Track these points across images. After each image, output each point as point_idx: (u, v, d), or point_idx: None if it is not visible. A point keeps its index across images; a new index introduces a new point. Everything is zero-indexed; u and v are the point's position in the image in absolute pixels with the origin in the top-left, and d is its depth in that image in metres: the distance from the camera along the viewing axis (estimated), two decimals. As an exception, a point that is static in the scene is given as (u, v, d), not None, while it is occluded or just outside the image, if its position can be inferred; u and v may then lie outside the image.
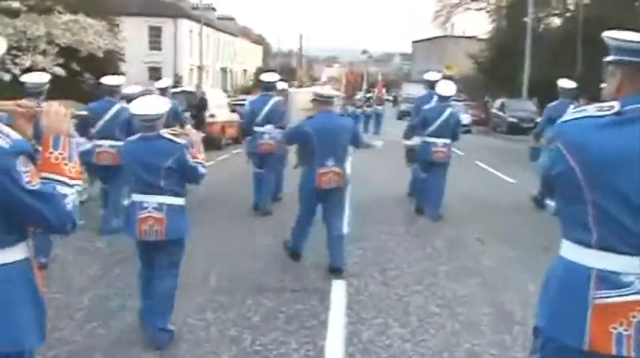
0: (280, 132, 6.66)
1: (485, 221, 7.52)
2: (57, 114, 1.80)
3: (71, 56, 18.61)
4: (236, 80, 48.13)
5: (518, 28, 28.80)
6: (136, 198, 3.61)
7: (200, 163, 3.65)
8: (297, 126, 5.35)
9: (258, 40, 60.32)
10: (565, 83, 7.94)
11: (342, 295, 4.57)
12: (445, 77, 9.97)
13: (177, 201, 3.60)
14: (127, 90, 7.29)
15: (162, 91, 8.61)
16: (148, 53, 36.33)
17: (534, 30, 27.36)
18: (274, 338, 3.75)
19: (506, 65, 28.47)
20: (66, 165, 1.77)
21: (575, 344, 1.70)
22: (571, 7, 30.73)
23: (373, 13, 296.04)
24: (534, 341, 1.88)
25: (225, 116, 16.21)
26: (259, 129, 7.49)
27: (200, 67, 33.20)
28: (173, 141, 3.59)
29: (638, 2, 27.06)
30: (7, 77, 16.41)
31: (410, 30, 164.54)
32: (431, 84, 8.13)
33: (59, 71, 17.19)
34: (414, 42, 67.12)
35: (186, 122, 8.51)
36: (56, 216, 1.70)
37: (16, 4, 17.84)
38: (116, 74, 9.50)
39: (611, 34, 1.74)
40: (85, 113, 4.68)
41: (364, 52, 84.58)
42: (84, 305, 4.20)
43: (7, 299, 1.69)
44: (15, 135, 1.67)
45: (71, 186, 1.75)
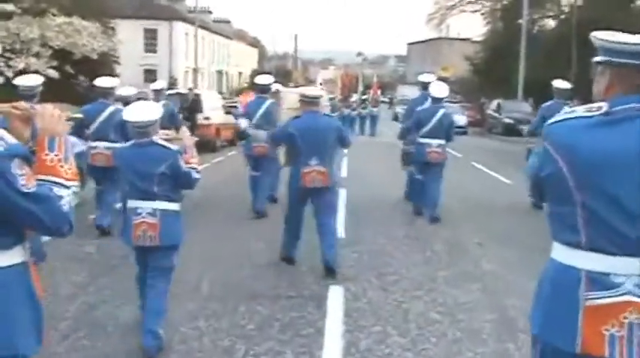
0: (266, 134, 6.60)
1: (484, 223, 7.41)
2: (52, 116, 1.80)
3: (65, 59, 18.47)
4: (231, 82, 48.02)
5: (512, 30, 28.84)
6: (131, 203, 3.60)
7: (194, 168, 3.63)
8: (282, 128, 5.39)
9: (254, 42, 60.22)
10: (559, 84, 7.93)
11: (339, 301, 4.43)
12: (440, 79, 9.89)
13: (171, 206, 3.57)
14: (121, 91, 7.25)
15: (157, 93, 8.57)
16: (144, 56, 36.23)
17: (529, 32, 27.39)
18: (269, 348, 3.61)
19: (502, 67, 28.49)
20: (62, 166, 1.76)
21: (567, 348, 1.68)
22: (565, 9, 30.79)
23: (368, 16, 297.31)
24: (532, 349, 1.85)
25: (220, 118, 16.07)
26: (256, 131, 7.43)
27: (196, 70, 33.06)
28: (166, 147, 3.56)
29: (633, 4, 27.15)
30: (0, 80, 16.25)
31: (405, 32, 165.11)
32: (425, 85, 8.12)
33: (53, 74, 17.06)
34: (409, 44, 67.16)
35: (182, 124, 8.44)
36: (52, 218, 1.68)
37: (9, 7, 17.69)
38: (110, 76, 9.38)
39: (599, 35, 1.73)
40: (79, 115, 4.68)
41: (359, 55, 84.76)
42: (70, 314, 4.04)
43: (3, 304, 1.66)
44: (9, 138, 1.66)
45: (68, 187, 1.75)
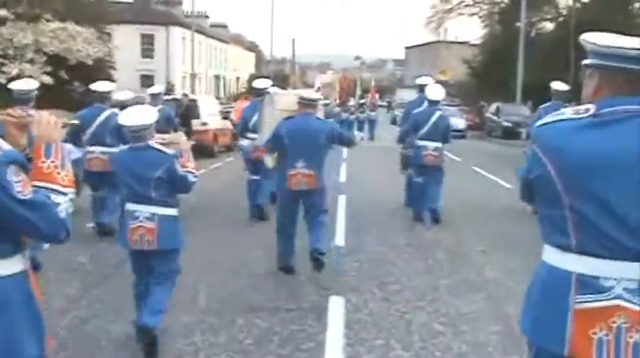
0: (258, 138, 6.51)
1: (485, 229, 7.28)
2: (48, 123, 1.80)
3: (59, 64, 18.32)
4: (229, 87, 47.90)
5: (510, 33, 28.81)
6: (129, 207, 3.58)
7: (190, 172, 3.62)
8: (274, 130, 5.38)
9: (251, 47, 60.11)
10: (558, 85, 7.91)
11: (339, 313, 4.28)
12: (438, 82, 9.80)
13: (169, 211, 3.56)
14: (118, 96, 7.17)
15: (155, 97, 8.48)
16: (141, 61, 36.09)
17: (527, 35, 27.32)
18: (267, 364, 3.47)
19: (500, 70, 28.45)
20: (58, 173, 1.75)
21: (556, 350, 1.67)
22: (563, 11, 30.76)
23: (366, 20, 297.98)
24: (529, 352, 1.81)
25: (217, 124, 15.93)
26: (251, 135, 7.34)
27: (193, 75, 32.95)
28: (162, 151, 3.54)
29: (631, 6, 27.13)
30: (-7, 85, 16.10)
31: (403, 36, 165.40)
32: (422, 88, 8.09)
33: (47, 79, 16.88)
34: (407, 48, 67.15)
35: (178, 128, 8.34)
36: (49, 225, 1.67)
37: (2, 12, 17.56)
38: (104, 81, 9.28)
39: (587, 38, 1.72)
40: (76, 122, 4.63)
41: (357, 58, 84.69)
42: (61, 328, 3.89)
43: (4, 314, 1.65)
44: (5, 145, 1.65)
45: (64, 194, 1.74)
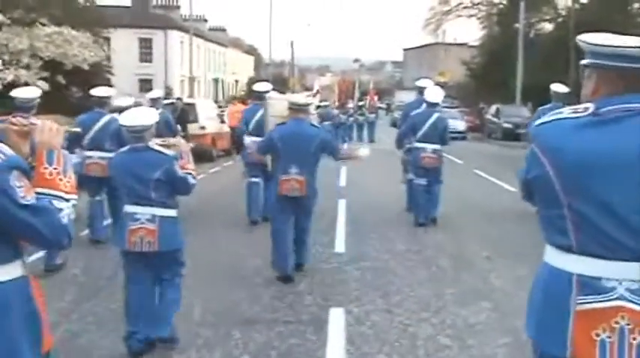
0: (255, 142, 6.43)
1: (489, 233, 7.13)
2: (50, 130, 1.81)
3: (56, 69, 18.13)
4: (228, 91, 47.75)
5: (509, 34, 28.68)
6: (128, 208, 3.56)
7: (189, 173, 3.62)
8: (266, 135, 5.33)
9: (250, 50, 59.98)
10: (558, 87, 7.86)
11: (340, 326, 4.12)
12: (437, 84, 9.68)
13: (169, 212, 3.56)
14: (118, 102, 7.08)
15: (154, 102, 8.44)
16: (139, 65, 35.93)
17: (526, 36, 27.21)
18: (265, 382, 3.31)
19: (499, 71, 28.32)
20: (61, 180, 1.76)
21: (558, 353, 1.64)
22: (562, 12, 30.64)
23: (365, 22, 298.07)
24: (534, 355, 1.78)
25: (215, 127, 15.77)
26: (250, 138, 7.31)
27: (192, 79, 32.82)
28: (161, 152, 3.54)
29: (630, 6, 27.02)
30: (-11, 92, 15.93)
31: (401, 38, 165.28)
32: (422, 90, 8.01)
33: (43, 85, 16.70)
34: (405, 49, 67.05)
35: (177, 133, 8.25)
36: (51, 231, 1.68)
37: (-1, 18, 17.39)
38: (104, 86, 9.15)
39: (584, 38, 1.72)
40: (78, 130, 4.53)
41: (356, 61, 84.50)
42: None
43: (3, 319, 1.64)
44: (8, 151, 1.67)
45: (67, 200, 1.74)
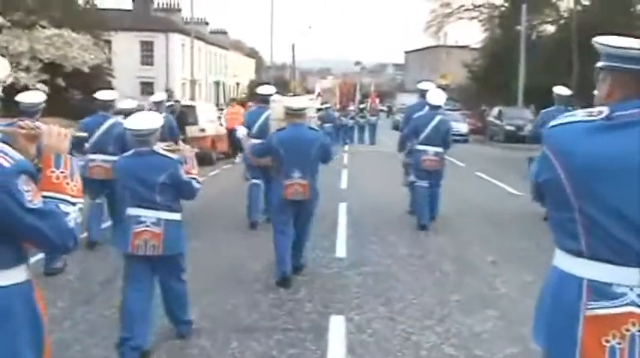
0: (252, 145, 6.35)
1: (493, 237, 6.98)
2: (58, 134, 1.82)
3: (56, 72, 18.07)
4: (229, 94, 47.69)
5: (511, 36, 28.56)
6: (132, 211, 3.55)
7: (194, 178, 3.64)
8: (265, 140, 5.34)
9: (251, 53, 59.97)
10: (560, 90, 7.78)
11: (341, 334, 3.98)
12: (439, 87, 9.57)
13: (174, 216, 3.57)
14: (121, 104, 7.01)
15: (158, 105, 8.37)
16: (140, 68, 35.93)
17: (528, 38, 27.08)
18: (262, 394, 3.16)
19: (501, 73, 28.20)
20: (67, 183, 1.77)
21: None
22: (564, 14, 30.51)
23: (366, 25, 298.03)
24: None
25: (215, 130, 15.66)
26: (254, 141, 7.23)
27: (193, 81, 32.77)
28: (166, 156, 3.56)
29: (633, 8, 26.88)
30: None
31: (403, 40, 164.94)
32: (424, 93, 7.92)
33: (43, 88, 16.62)
34: (407, 52, 66.96)
35: (179, 137, 8.15)
36: (58, 234, 1.68)
37: (-1, 20, 17.34)
38: (105, 89, 9.08)
39: (600, 40, 1.69)
40: (84, 134, 4.44)
41: (357, 64, 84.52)
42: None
43: (6, 323, 1.64)
44: (17, 155, 1.68)
45: (73, 204, 1.75)
